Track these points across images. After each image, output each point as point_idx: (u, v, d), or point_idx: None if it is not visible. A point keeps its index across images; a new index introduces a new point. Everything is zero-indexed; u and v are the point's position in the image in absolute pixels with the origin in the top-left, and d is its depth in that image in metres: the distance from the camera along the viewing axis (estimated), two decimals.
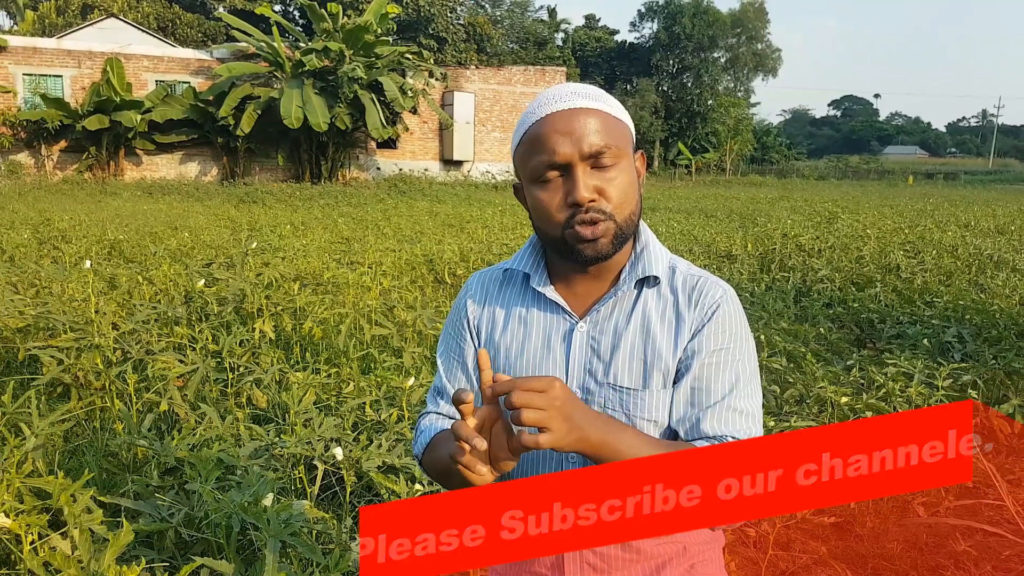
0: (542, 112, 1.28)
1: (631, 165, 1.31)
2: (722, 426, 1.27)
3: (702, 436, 1.27)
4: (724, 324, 1.31)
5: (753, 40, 55.22)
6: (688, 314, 1.32)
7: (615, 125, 1.29)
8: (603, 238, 1.27)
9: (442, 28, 40.70)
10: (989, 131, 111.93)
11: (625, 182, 1.28)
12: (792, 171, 51.74)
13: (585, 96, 1.28)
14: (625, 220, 1.29)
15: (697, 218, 16.55)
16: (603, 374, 1.32)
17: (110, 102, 23.58)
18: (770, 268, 9.52)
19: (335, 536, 2.75)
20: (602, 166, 1.26)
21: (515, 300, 1.42)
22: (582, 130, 1.24)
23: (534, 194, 1.30)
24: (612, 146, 1.26)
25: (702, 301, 1.32)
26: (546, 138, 1.25)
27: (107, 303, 5.56)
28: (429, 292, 7.69)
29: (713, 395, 1.28)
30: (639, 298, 1.34)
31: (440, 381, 1.50)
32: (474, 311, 1.46)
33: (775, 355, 5.03)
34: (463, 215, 15.81)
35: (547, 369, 1.35)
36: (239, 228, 12.45)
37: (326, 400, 4.08)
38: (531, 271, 1.40)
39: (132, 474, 3.39)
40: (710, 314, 1.31)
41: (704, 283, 1.34)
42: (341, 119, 25.05)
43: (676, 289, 1.34)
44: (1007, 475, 4.32)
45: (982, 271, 8.96)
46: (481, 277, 1.49)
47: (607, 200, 1.26)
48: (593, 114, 1.26)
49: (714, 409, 1.28)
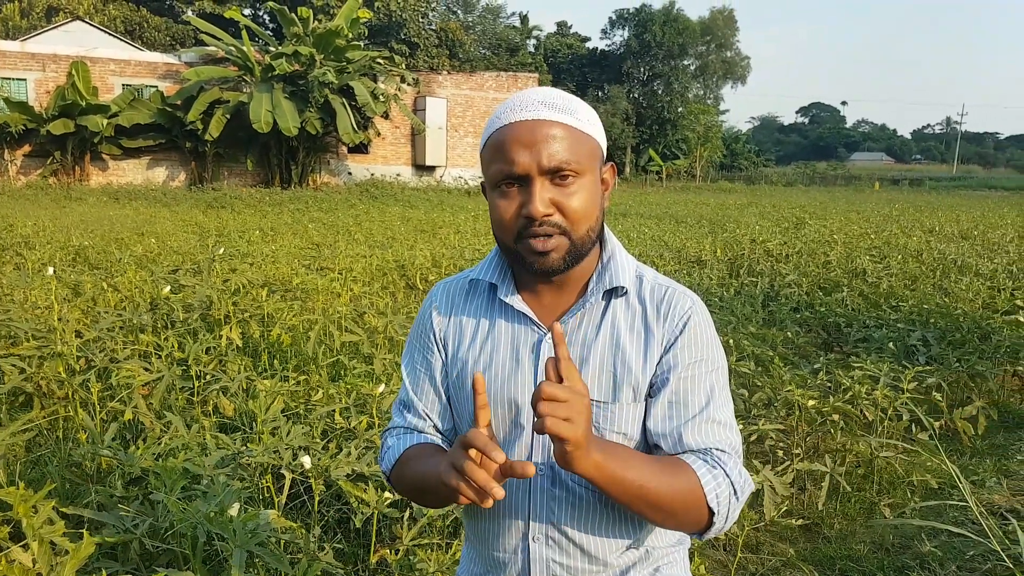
0: (507, 119, 1.25)
1: (594, 180, 1.28)
2: (704, 438, 1.26)
3: (687, 449, 1.26)
4: (696, 337, 1.30)
5: (722, 48, 55.80)
6: (657, 327, 1.31)
7: (580, 139, 1.25)
8: (555, 253, 1.24)
9: (414, 33, 40.68)
10: (953, 138, 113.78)
11: (584, 198, 1.26)
12: (761, 177, 52.31)
13: (552, 107, 1.25)
14: (581, 237, 1.26)
15: (668, 224, 16.65)
16: None
17: (75, 106, 23.28)
18: (739, 273, 9.60)
19: (303, 545, 2.72)
20: (562, 181, 1.24)
21: (482, 311, 1.40)
22: (544, 143, 1.22)
23: (493, 200, 1.28)
24: (573, 161, 1.23)
25: (671, 314, 1.31)
26: (507, 147, 1.23)
27: (71, 310, 5.47)
28: (401, 298, 7.66)
29: (692, 408, 1.28)
30: (607, 309, 1.33)
31: (406, 394, 1.46)
32: (440, 323, 1.43)
33: (743, 359, 5.07)
34: (435, 220, 15.79)
35: (516, 382, 1.33)
36: (207, 234, 12.33)
37: (295, 408, 4.04)
38: (498, 281, 1.37)
39: (96, 484, 3.33)
40: (681, 327, 1.30)
41: (672, 294, 1.33)
42: (311, 124, 24.92)
43: (644, 300, 1.33)
44: (971, 476, 4.38)
45: (946, 275, 9.10)
46: (445, 287, 1.46)
47: (563, 215, 1.24)
48: (556, 127, 1.23)
49: (695, 422, 1.27)
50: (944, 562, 3.46)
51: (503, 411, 1.33)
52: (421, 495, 1.34)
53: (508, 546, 1.36)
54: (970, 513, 3.28)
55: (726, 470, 1.23)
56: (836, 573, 3.48)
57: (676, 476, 1.20)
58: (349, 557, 3.17)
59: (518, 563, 1.35)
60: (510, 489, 1.33)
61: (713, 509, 1.21)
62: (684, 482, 1.20)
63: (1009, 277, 9.02)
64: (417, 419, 1.43)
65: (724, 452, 1.26)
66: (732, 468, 1.24)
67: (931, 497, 4.01)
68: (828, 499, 4.01)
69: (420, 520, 2.88)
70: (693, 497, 1.20)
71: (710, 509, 1.21)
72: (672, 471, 1.20)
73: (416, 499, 1.39)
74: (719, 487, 1.21)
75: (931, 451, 4.34)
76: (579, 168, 1.24)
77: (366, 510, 2.86)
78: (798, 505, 4.04)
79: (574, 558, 1.32)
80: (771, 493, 3.43)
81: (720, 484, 1.22)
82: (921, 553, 3.55)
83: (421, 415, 1.43)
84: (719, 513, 1.21)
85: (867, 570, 3.47)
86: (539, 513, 1.32)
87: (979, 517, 3.15)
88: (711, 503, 1.20)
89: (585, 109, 1.30)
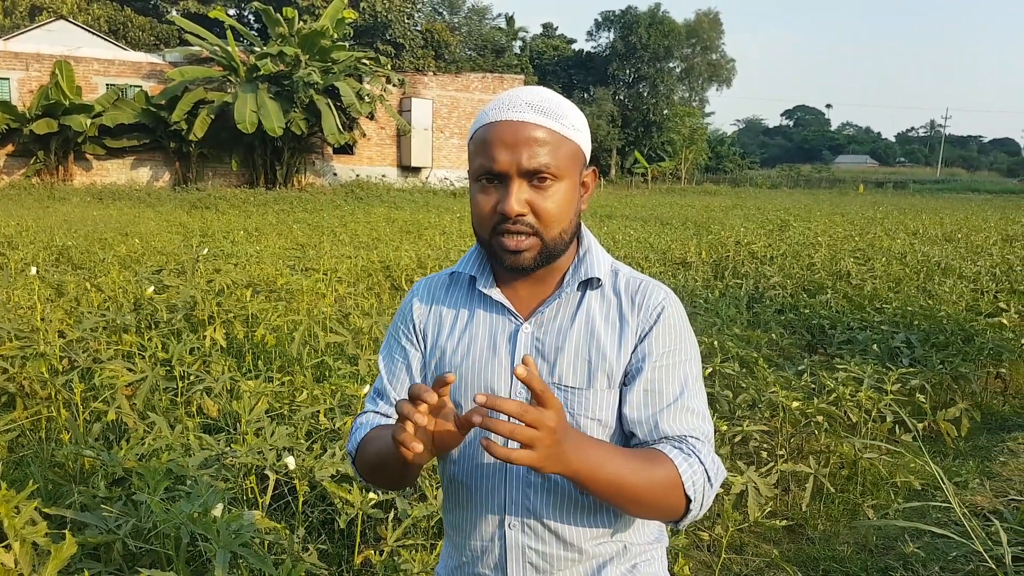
0: (493, 116, 1.28)
1: (572, 184, 1.32)
2: (679, 426, 1.29)
3: (663, 436, 1.29)
4: (669, 327, 1.34)
5: (707, 50, 56.03)
6: (632, 317, 1.34)
7: (562, 144, 1.28)
8: (527, 252, 1.29)
9: (399, 34, 40.61)
10: (937, 141, 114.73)
11: (560, 202, 1.29)
12: (745, 180, 52.59)
13: (538, 110, 1.28)
14: (553, 239, 1.30)
15: (653, 226, 16.70)
16: (548, 374, 1.34)
17: (59, 106, 23.13)
18: (723, 275, 9.63)
19: (287, 546, 2.70)
20: (539, 183, 1.27)
21: (461, 303, 1.44)
22: (524, 145, 1.25)
23: (473, 193, 1.33)
24: (552, 165, 1.26)
25: (645, 304, 1.35)
26: (490, 145, 1.27)
27: (54, 310, 5.43)
28: (386, 299, 7.64)
29: (666, 397, 1.31)
30: (583, 300, 1.37)
31: (381, 383, 1.49)
32: (420, 314, 1.47)
33: (728, 360, 5.09)
34: (421, 221, 15.77)
35: (493, 370, 1.36)
36: (191, 234, 12.26)
37: (279, 409, 4.02)
38: (477, 274, 1.42)
39: (79, 485, 3.30)
40: (655, 317, 1.34)
41: (646, 286, 1.37)
42: (296, 124, 24.86)
43: (619, 291, 1.37)
44: (954, 478, 4.42)
45: (930, 278, 9.15)
46: (428, 282, 1.50)
47: (537, 217, 1.28)
48: (540, 131, 1.26)
49: (669, 410, 1.30)
50: (927, 563, 3.49)
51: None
52: (378, 471, 1.35)
53: (485, 534, 1.38)
54: (953, 514, 3.31)
55: (700, 457, 1.26)
56: (820, 574, 3.49)
57: (654, 467, 1.22)
58: (333, 558, 3.16)
59: (495, 551, 1.38)
60: (486, 476, 1.36)
61: (690, 496, 1.24)
62: (662, 472, 1.22)
63: (992, 280, 9.09)
64: (388, 407, 1.46)
65: (698, 440, 1.29)
66: (706, 456, 1.27)
67: (914, 498, 4.04)
68: (812, 500, 4.03)
69: (404, 521, 2.88)
70: (671, 485, 1.22)
71: (687, 496, 1.24)
72: (649, 462, 1.23)
73: (374, 478, 1.40)
74: (695, 475, 1.24)
75: (914, 452, 4.37)
76: (558, 172, 1.28)
77: (350, 511, 2.85)
78: (782, 506, 4.05)
79: (550, 545, 1.34)
80: (755, 494, 3.44)
81: (696, 472, 1.25)
82: (904, 554, 3.57)
83: (392, 402, 1.46)
84: (695, 500, 1.24)
85: (851, 571, 3.49)
86: (515, 500, 1.35)
87: (962, 518, 3.17)
88: (688, 491, 1.23)
89: (573, 113, 1.33)
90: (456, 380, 1.38)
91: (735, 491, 3.41)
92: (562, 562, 1.35)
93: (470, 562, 1.42)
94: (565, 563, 1.36)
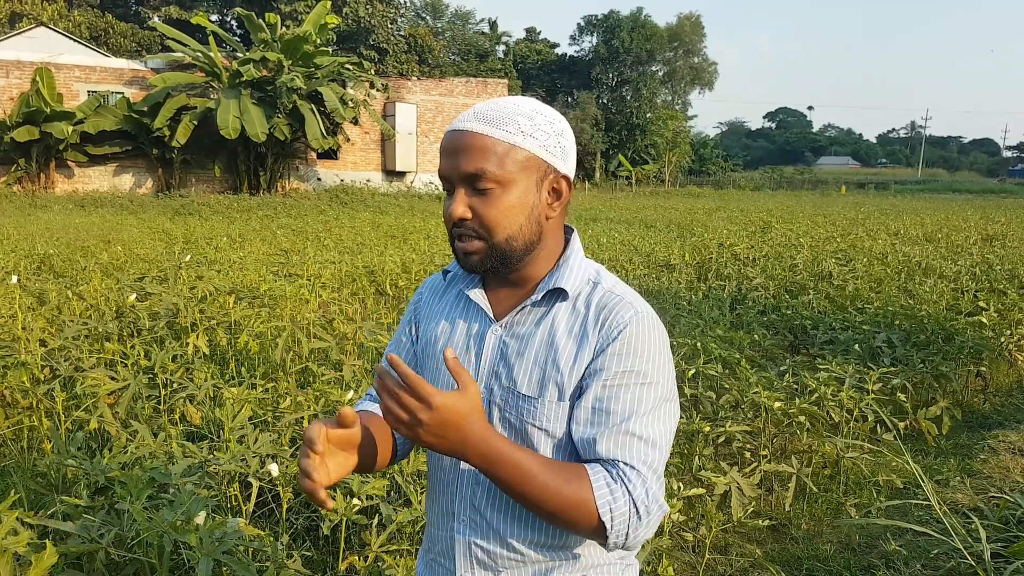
0: (449, 128, 1.36)
1: (522, 190, 1.32)
2: (617, 450, 1.25)
3: (597, 458, 1.27)
4: (629, 346, 1.30)
5: (690, 54, 56.24)
6: (593, 333, 1.32)
7: (507, 150, 1.29)
8: (475, 255, 1.34)
9: (383, 39, 40.58)
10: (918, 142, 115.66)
11: (503, 208, 1.31)
12: (729, 182, 52.77)
13: (482, 119, 1.31)
14: (500, 243, 1.32)
15: (637, 228, 16.75)
16: (506, 377, 1.36)
17: (40, 113, 22.93)
18: (707, 277, 9.67)
19: (271, 553, 2.70)
20: (480, 190, 1.31)
21: (451, 300, 1.50)
22: (462, 152, 1.31)
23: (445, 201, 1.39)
24: (490, 172, 1.28)
25: (609, 322, 1.31)
26: (440, 154, 1.34)
27: (35, 319, 5.39)
28: (371, 304, 7.63)
29: (612, 417, 1.27)
30: (551, 310, 1.37)
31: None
32: (418, 307, 1.57)
33: (711, 361, 5.11)
34: (406, 226, 15.76)
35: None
36: (174, 241, 12.21)
37: (262, 416, 4.02)
38: (463, 274, 1.49)
39: (61, 494, 3.29)
40: (615, 335, 1.30)
41: (617, 304, 1.33)
42: (280, 129, 24.77)
43: (590, 304, 1.35)
44: (935, 476, 4.46)
45: (911, 278, 9.23)
46: (435, 276, 1.59)
47: (479, 221, 1.32)
48: (477, 139, 1.30)
49: (611, 432, 1.26)
50: (909, 560, 3.52)
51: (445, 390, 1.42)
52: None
53: (443, 525, 1.43)
54: (934, 512, 3.33)
55: (628, 487, 1.22)
56: (803, 573, 3.52)
57: (568, 481, 1.21)
58: (318, 564, 3.16)
59: (446, 541, 1.42)
60: (444, 471, 1.43)
61: (604, 522, 1.21)
62: (574, 488, 1.21)
63: (972, 279, 9.17)
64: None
65: (632, 468, 1.24)
66: (637, 486, 1.23)
67: (896, 497, 4.07)
68: (795, 500, 4.06)
69: (389, 527, 2.88)
70: (581, 505, 1.21)
71: (601, 521, 1.21)
72: (565, 476, 1.22)
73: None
74: (615, 502, 1.21)
75: (896, 451, 4.40)
76: (499, 178, 1.30)
77: (334, 517, 2.85)
78: (765, 506, 4.08)
79: (494, 544, 1.36)
80: (739, 494, 3.47)
81: (617, 500, 1.21)
82: (886, 552, 3.60)
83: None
84: (613, 529, 1.21)
85: (834, 569, 3.51)
86: (464, 496, 1.39)
87: (943, 516, 3.20)
88: (603, 516, 1.20)
89: (527, 121, 1.32)
90: (433, 373, 1.47)
91: (719, 492, 3.44)
92: (506, 562, 1.37)
93: (432, 548, 1.49)
94: (510, 563, 1.37)
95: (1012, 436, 5.11)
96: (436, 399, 1.14)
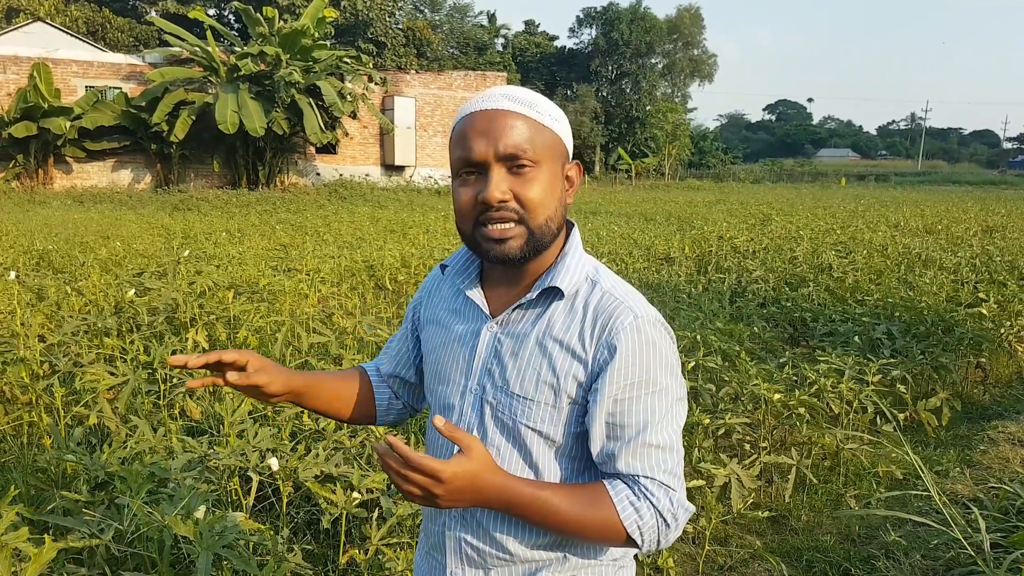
0: (469, 109, 1.30)
1: (554, 173, 1.30)
2: (637, 463, 1.26)
3: (617, 473, 1.28)
4: (633, 356, 1.27)
5: (689, 46, 56.09)
6: (588, 339, 1.29)
7: (539, 131, 1.28)
8: (512, 240, 1.27)
9: (381, 32, 40.47)
10: (918, 134, 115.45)
11: (542, 188, 1.28)
12: (729, 175, 52.72)
13: (513, 99, 1.28)
14: (539, 226, 1.28)
15: (637, 222, 16.74)
16: (499, 376, 1.34)
17: (38, 108, 22.90)
18: (706, 270, 9.67)
19: (271, 547, 2.70)
20: (519, 170, 1.26)
21: (448, 295, 1.48)
22: (500, 131, 1.25)
23: (455, 188, 1.32)
24: (530, 150, 1.26)
25: (609, 327, 1.28)
26: (467, 136, 1.27)
27: (34, 315, 5.39)
28: (370, 299, 7.63)
29: (628, 431, 1.27)
30: (548, 308, 1.34)
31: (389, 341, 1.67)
32: (420, 299, 1.57)
33: (711, 354, 5.11)
34: (405, 220, 15.75)
35: (454, 366, 1.40)
36: (173, 236, 12.20)
37: (262, 410, 4.02)
38: (460, 272, 1.45)
39: (61, 490, 3.29)
40: (612, 346, 1.27)
41: (616, 308, 1.29)
42: (278, 124, 24.73)
43: (588, 306, 1.31)
44: (934, 467, 4.46)
45: (911, 270, 9.22)
46: (438, 269, 1.56)
47: (520, 204, 1.27)
48: (515, 117, 1.27)
49: (629, 446, 1.26)
50: (908, 551, 3.52)
51: (441, 387, 1.43)
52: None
53: (437, 521, 1.43)
54: (934, 503, 3.34)
55: (652, 501, 1.24)
56: (803, 564, 3.52)
57: (591, 506, 1.24)
58: (318, 558, 3.16)
59: (439, 537, 1.42)
60: None
61: (635, 540, 1.24)
62: (600, 513, 1.24)
63: (972, 271, 9.17)
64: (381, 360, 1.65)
65: (653, 481, 1.26)
66: (660, 498, 1.25)
67: (896, 488, 4.07)
68: (795, 491, 4.06)
69: (389, 520, 2.88)
70: (608, 526, 1.24)
71: (630, 538, 1.24)
72: (586, 501, 1.25)
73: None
74: (641, 519, 1.23)
75: (896, 443, 4.41)
76: (536, 158, 1.27)
77: (334, 511, 2.85)
78: (765, 498, 4.08)
79: (483, 542, 1.36)
80: (739, 486, 3.47)
81: (643, 515, 1.24)
82: (886, 543, 3.60)
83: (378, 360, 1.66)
84: (644, 542, 1.25)
85: (834, 560, 3.52)
86: None
87: (942, 507, 3.20)
88: (632, 534, 1.23)
89: (548, 105, 1.33)
90: (428, 370, 1.48)
91: (719, 484, 3.44)
92: (495, 560, 1.36)
93: (425, 541, 1.50)
94: (499, 562, 1.36)
95: (1012, 427, 5.12)
96: (445, 473, 1.14)
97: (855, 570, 3.44)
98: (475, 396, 1.35)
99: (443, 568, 1.41)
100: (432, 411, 1.46)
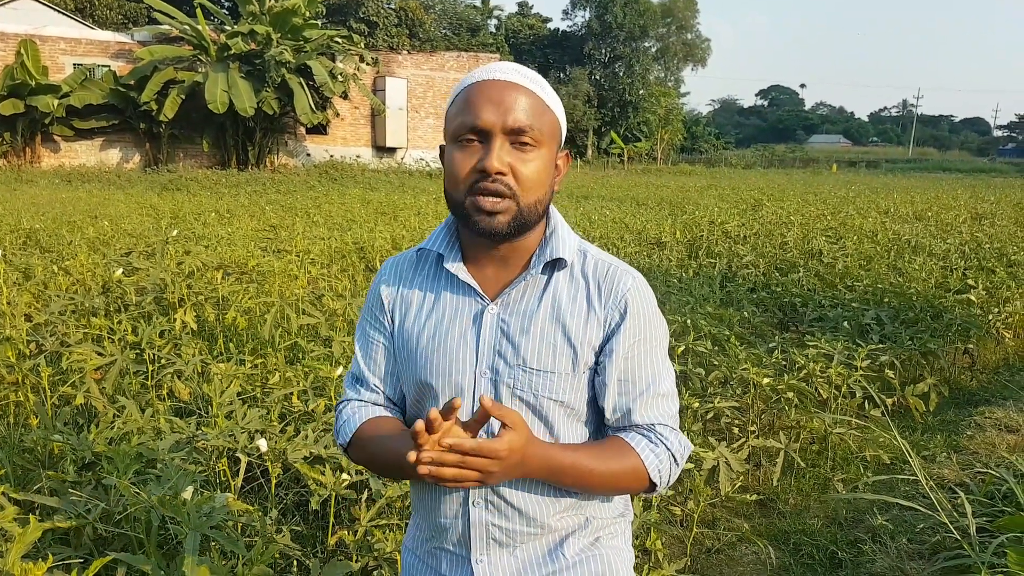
0: (480, 77, 1.30)
1: (550, 156, 1.33)
2: (651, 414, 1.36)
3: (633, 425, 1.36)
4: (638, 315, 1.36)
5: (683, 30, 55.95)
6: (598, 304, 1.36)
7: (544, 112, 1.31)
8: (502, 215, 1.28)
9: (373, 12, 40.12)
10: (909, 121, 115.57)
11: (539, 168, 1.30)
12: (721, 160, 52.72)
13: (524, 76, 1.30)
14: (529, 205, 1.30)
15: (629, 206, 16.72)
16: (512, 355, 1.34)
17: (25, 86, 22.67)
18: (697, 254, 9.68)
19: (260, 528, 2.70)
20: (521, 146, 1.28)
21: (428, 282, 1.43)
22: (511, 104, 1.26)
23: (451, 153, 1.31)
24: (535, 129, 1.28)
25: (613, 292, 1.36)
26: (475, 102, 1.27)
27: (20, 294, 5.35)
28: (360, 280, 7.60)
29: (639, 385, 1.36)
30: (550, 282, 1.37)
31: (358, 368, 1.50)
32: (388, 296, 1.46)
33: (700, 339, 5.12)
34: (396, 202, 15.68)
35: (458, 351, 1.36)
36: (161, 216, 12.12)
37: (251, 391, 4.00)
38: (444, 251, 1.41)
39: (47, 470, 3.27)
40: (623, 310, 1.35)
41: (614, 272, 1.38)
42: (268, 104, 24.56)
43: (587, 275, 1.38)
44: (922, 452, 4.49)
45: (900, 256, 9.25)
46: (395, 262, 1.50)
47: (516, 179, 1.28)
48: (526, 93, 1.29)
49: (642, 399, 1.36)
50: (895, 535, 3.55)
51: (444, 379, 1.38)
52: (384, 470, 1.42)
53: (450, 512, 1.40)
54: (920, 487, 3.36)
55: (667, 444, 1.36)
56: (790, 547, 3.54)
57: (620, 460, 1.33)
58: (307, 539, 3.16)
59: (459, 527, 1.40)
60: None
61: (655, 482, 1.35)
62: (628, 464, 1.33)
63: (961, 257, 9.21)
64: (370, 392, 1.48)
65: (666, 426, 1.38)
66: (673, 441, 1.37)
67: (883, 472, 4.10)
68: (783, 475, 4.08)
69: (378, 501, 2.88)
70: (636, 475, 1.34)
71: (652, 481, 1.34)
72: (613, 456, 1.33)
73: (377, 471, 1.50)
74: (661, 463, 1.35)
75: (883, 427, 4.43)
76: (539, 137, 1.29)
77: (323, 492, 2.85)
78: (753, 481, 4.10)
79: (512, 521, 1.37)
80: (727, 469, 3.48)
81: (662, 460, 1.35)
82: (873, 527, 3.63)
83: (373, 388, 1.48)
84: (661, 483, 1.36)
85: (820, 544, 3.54)
86: None
87: (929, 491, 3.22)
88: (654, 478, 1.34)
89: (552, 91, 1.36)
90: (424, 361, 1.39)
91: (707, 467, 3.45)
92: (525, 537, 1.38)
93: (435, 537, 1.45)
94: (528, 538, 1.38)
95: (998, 412, 5.15)
96: (502, 451, 1.16)
97: (842, 553, 3.47)
98: (487, 379, 1.35)
99: (464, 560, 1.41)
100: (425, 402, 1.41)
